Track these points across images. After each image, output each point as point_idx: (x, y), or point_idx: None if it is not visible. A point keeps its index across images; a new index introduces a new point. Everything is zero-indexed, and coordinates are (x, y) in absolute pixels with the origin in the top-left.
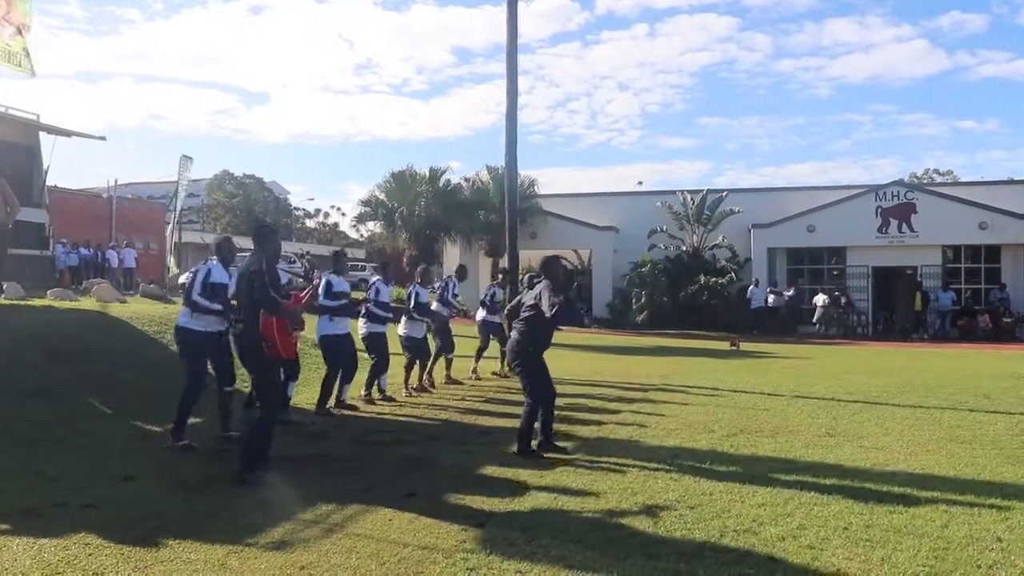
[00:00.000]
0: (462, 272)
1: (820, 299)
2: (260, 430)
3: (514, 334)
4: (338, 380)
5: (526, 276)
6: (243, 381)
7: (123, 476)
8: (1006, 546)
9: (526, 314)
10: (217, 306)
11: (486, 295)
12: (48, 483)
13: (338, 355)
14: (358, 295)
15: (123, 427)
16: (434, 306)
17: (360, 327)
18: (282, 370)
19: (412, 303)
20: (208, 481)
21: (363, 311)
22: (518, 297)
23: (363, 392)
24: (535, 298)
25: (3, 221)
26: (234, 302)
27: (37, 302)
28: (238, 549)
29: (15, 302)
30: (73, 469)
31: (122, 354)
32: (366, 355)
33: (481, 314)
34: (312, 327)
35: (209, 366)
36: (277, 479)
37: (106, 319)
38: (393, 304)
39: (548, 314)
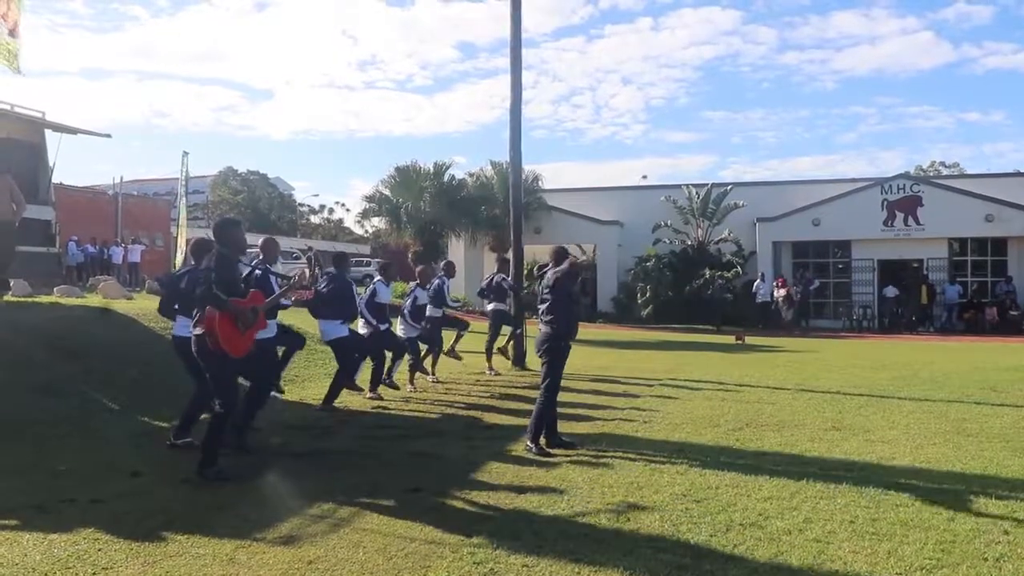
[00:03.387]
0: (450, 268)
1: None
2: (216, 426)
3: (542, 326)
4: (388, 364)
5: (535, 267)
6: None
7: (131, 472)
8: (1013, 539)
9: (547, 301)
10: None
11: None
12: (56, 479)
13: (347, 356)
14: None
15: (130, 423)
16: (428, 311)
17: (360, 328)
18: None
19: (410, 306)
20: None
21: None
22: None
23: (369, 392)
24: (550, 281)
25: (10, 219)
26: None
27: (44, 299)
28: (246, 544)
29: (22, 299)
30: (81, 465)
31: (129, 350)
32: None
33: (492, 304)
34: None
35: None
36: (282, 475)
37: (113, 315)
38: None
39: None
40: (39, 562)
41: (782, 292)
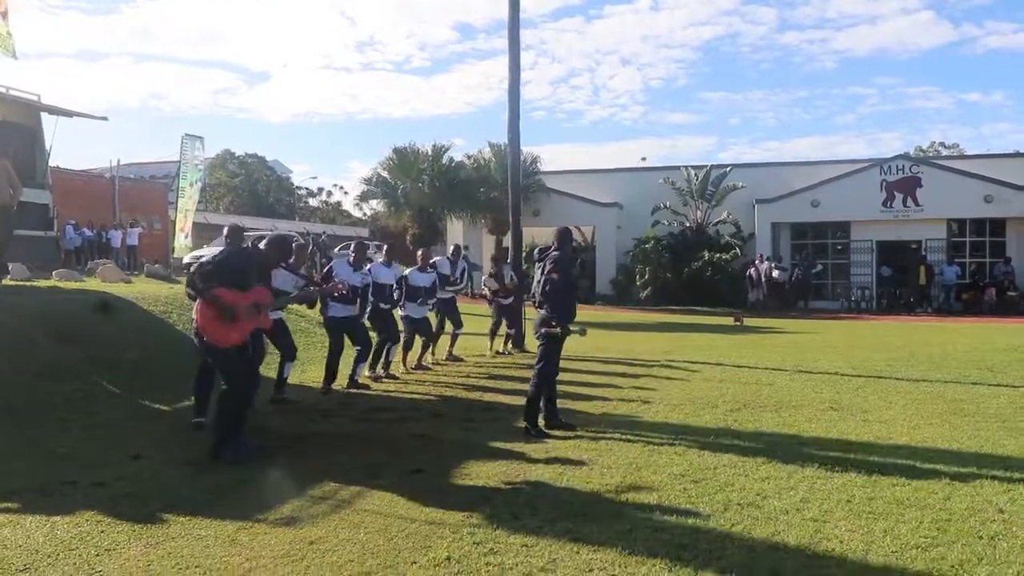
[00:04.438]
0: (457, 252)
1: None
2: (225, 406)
3: (541, 311)
4: (354, 360)
5: (536, 250)
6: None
7: (132, 454)
8: (1008, 517)
9: (543, 289)
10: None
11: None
12: (58, 462)
13: (336, 337)
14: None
15: (131, 406)
16: (439, 292)
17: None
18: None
19: (403, 285)
20: (216, 458)
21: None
22: (535, 279)
23: (368, 372)
24: (543, 273)
25: (8, 203)
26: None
27: (43, 283)
28: (248, 525)
29: (21, 283)
30: (82, 448)
31: (129, 334)
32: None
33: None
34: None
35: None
36: (283, 457)
37: (112, 299)
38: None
39: (538, 296)
40: (42, 544)
41: (752, 271)
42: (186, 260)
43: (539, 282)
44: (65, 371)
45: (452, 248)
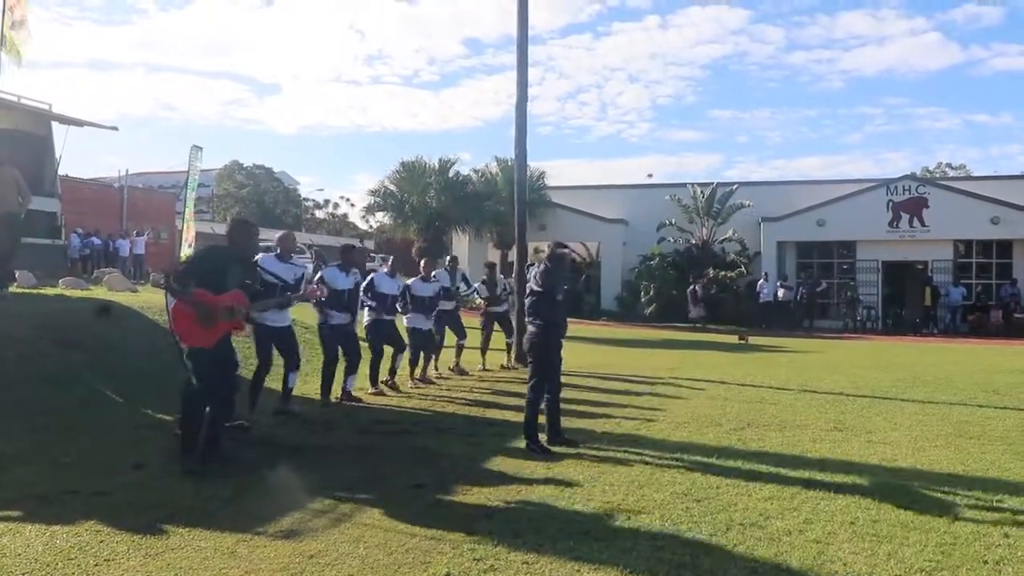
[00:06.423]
0: (454, 263)
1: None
2: (190, 405)
3: (529, 325)
4: (342, 371)
5: (527, 267)
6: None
7: (133, 464)
8: (1013, 542)
9: (529, 300)
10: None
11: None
12: (59, 470)
13: (330, 345)
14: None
15: (134, 415)
16: (441, 304)
17: (364, 318)
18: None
19: (407, 295)
20: (217, 470)
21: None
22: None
23: (371, 388)
24: (530, 281)
25: (16, 211)
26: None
27: (49, 291)
28: (247, 538)
29: (28, 291)
30: (84, 456)
31: (133, 343)
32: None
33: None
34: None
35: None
36: (284, 469)
37: (117, 308)
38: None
39: (537, 288)
40: (41, 553)
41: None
42: None
43: (527, 295)
44: (69, 379)
45: (448, 259)
